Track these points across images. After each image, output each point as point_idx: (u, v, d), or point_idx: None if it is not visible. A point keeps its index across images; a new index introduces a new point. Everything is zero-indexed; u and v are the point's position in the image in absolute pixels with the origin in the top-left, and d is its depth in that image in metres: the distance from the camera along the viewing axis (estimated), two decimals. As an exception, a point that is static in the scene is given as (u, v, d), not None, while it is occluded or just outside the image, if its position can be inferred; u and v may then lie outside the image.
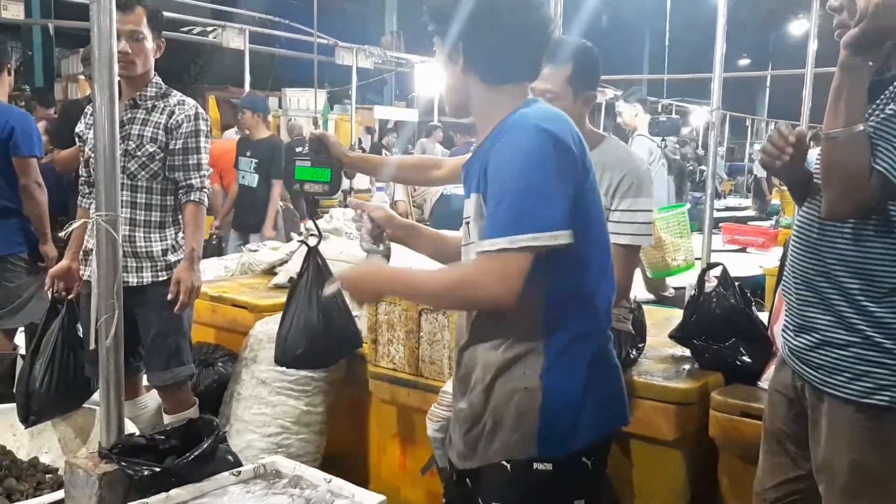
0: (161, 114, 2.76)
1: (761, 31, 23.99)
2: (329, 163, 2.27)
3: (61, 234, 2.72)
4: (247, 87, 8.69)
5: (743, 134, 22.62)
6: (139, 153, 2.70)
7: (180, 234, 2.82)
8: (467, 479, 1.66)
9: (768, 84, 21.50)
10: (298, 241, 3.59)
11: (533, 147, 1.45)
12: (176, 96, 2.81)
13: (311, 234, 3.56)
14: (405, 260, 2.30)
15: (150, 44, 2.73)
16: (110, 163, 1.97)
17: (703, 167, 13.07)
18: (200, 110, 2.82)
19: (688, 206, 3.38)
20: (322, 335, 2.63)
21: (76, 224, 2.68)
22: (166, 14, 2.95)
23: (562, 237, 1.42)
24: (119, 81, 2.12)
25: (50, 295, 2.83)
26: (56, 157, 4.31)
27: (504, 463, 1.55)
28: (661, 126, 5.82)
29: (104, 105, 1.94)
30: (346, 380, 3.04)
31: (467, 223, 1.62)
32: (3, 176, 3.57)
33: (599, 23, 18.61)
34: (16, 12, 7.05)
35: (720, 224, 7.01)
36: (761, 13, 20.49)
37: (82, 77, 6.56)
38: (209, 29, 9.35)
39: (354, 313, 2.93)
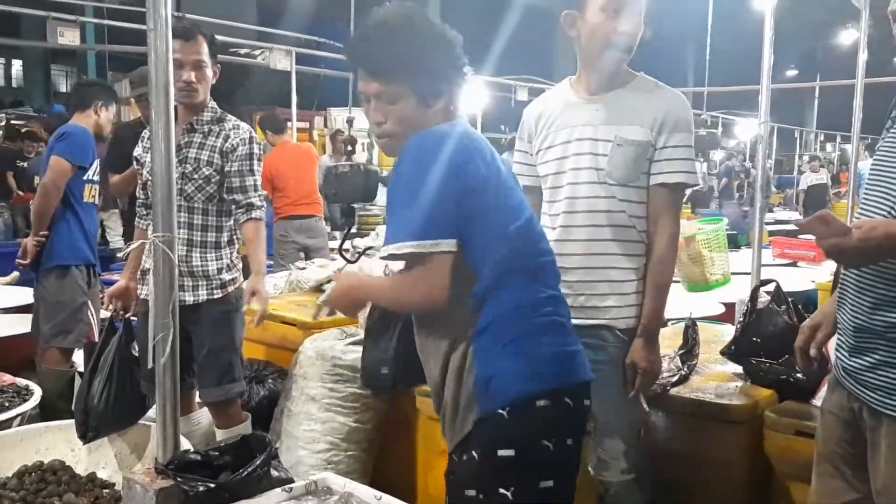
0: (217, 138, 2.83)
1: (809, 42, 23.60)
2: None
3: (119, 254, 2.81)
4: (294, 108, 8.80)
5: (791, 146, 22.22)
6: (196, 176, 2.78)
7: (234, 254, 2.90)
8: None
9: (816, 95, 21.13)
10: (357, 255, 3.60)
11: None
12: (231, 121, 2.89)
13: (351, 250, 3.60)
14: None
15: (210, 71, 2.82)
16: (166, 186, 2.02)
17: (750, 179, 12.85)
18: (254, 134, 2.91)
19: (726, 220, 3.31)
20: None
21: (134, 245, 2.75)
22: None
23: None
24: (176, 106, 2.18)
25: (108, 314, 2.91)
26: (110, 181, 4.41)
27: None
28: (701, 141, 5.70)
29: (161, 129, 1.99)
30: (394, 396, 3.05)
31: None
32: (69, 189, 3.70)
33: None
34: (72, 38, 7.26)
35: (770, 238, 6.87)
36: (808, 23, 20.15)
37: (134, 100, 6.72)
38: (257, 52, 9.49)
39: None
